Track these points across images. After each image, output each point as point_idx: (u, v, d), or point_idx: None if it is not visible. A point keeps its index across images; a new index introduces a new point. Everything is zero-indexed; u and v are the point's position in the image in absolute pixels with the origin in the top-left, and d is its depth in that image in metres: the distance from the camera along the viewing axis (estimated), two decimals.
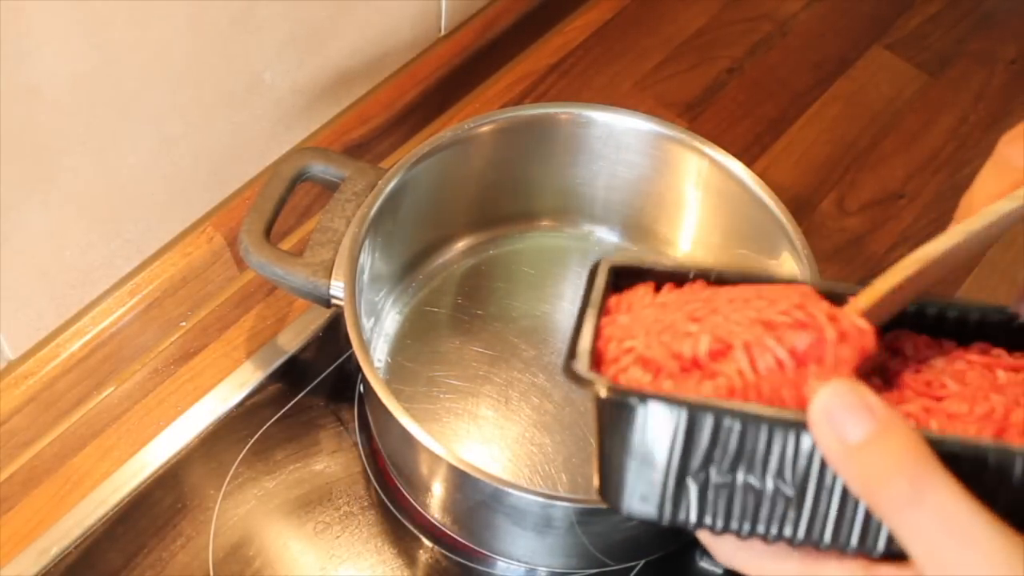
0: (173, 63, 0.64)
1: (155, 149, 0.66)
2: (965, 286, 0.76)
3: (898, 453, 0.33)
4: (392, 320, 0.71)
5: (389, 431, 0.64)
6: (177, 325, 0.73)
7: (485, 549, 0.65)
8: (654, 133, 0.68)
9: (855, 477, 0.34)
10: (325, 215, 0.64)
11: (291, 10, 0.69)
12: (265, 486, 0.66)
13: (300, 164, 0.66)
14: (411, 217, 0.68)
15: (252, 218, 0.64)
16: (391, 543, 0.65)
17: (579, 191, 0.73)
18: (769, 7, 0.92)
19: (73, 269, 0.67)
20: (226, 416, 0.69)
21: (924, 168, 0.83)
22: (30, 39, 0.55)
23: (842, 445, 0.34)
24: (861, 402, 0.34)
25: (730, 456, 0.37)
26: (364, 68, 0.78)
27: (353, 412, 0.69)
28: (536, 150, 0.71)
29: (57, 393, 0.68)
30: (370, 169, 0.66)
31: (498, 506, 0.59)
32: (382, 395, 0.56)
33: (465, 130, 0.67)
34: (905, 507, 0.33)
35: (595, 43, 0.89)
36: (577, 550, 0.62)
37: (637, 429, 0.37)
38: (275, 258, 0.63)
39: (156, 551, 0.64)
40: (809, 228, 0.79)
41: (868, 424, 0.34)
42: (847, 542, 0.37)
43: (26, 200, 0.60)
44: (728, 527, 0.38)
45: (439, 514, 0.65)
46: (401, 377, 0.69)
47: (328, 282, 0.62)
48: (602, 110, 0.69)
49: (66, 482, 0.67)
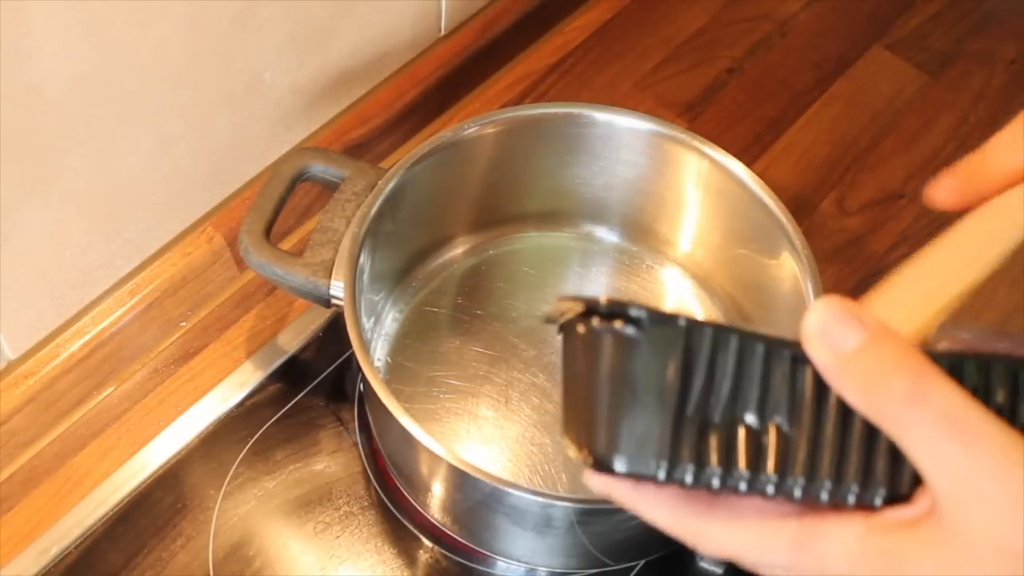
0: (173, 63, 0.64)
1: (155, 149, 0.66)
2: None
3: (895, 355, 0.33)
4: (392, 320, 0.71)
5: (389, 431, 0.64)
6: (177, 325, 0.73)
7: (485, 549, 0.65)
8: (654, 133, 0.68)
9: (853, 385, 0.34)
10: (325, 215, 0.64)
11: (291, 10, 0.69)
12: (265, 486, 0.67)
13: (300, 164, 0.66)
14: (411, 217, 0.68)
15: (252, 218, 0.64)
16: (391, 543, 0.65)
17: (579, 191, 0.73)
18: (769, 7, 0.92)
19: (73, 269, 0.67)
20: (226, 416, 0.69)
21: (924, 168, 0.83)
22: (30, 39, 0.55)
23: (838, 356, 0.34)
24: (852, 314, 0.34)
25: (728, 386, 0.35)
26: (364, 68, 0.78)
27: (353, 412, 0.69)
28: (536, 150, 0.71)
29: (57, 393, 0.68)
30: (370, 169, 0.66)
31: (498, 506, 0.59)
32: (382, 395, 0.56)
33: (464, 130, 0.67)
34: (907, 406, 0.33)
35: (595, 43, 0.89)
36: (577, 550, 0.62)
37: (636, 356, 0.35)
38: (275, 258, 0.63)
39: (156, 551, 0.64)
40: (809, 228, 0.79)
41: (861, 332, 0.34)
42: (847, 490, 0.35)
43: (26, 200, 0.60)
44: (728, 479, 0.35)
45: (439, 514, 0.65)
46: (401, 377, 0.69)
47: (328, 282, 0.62)
48: (602, 110, 0.69)
49: (66, 482, 0.67)
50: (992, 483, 0.32)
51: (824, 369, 0.34)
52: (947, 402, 0.33)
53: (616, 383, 0.35)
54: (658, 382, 0.35)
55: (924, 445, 0.33)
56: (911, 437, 0.33)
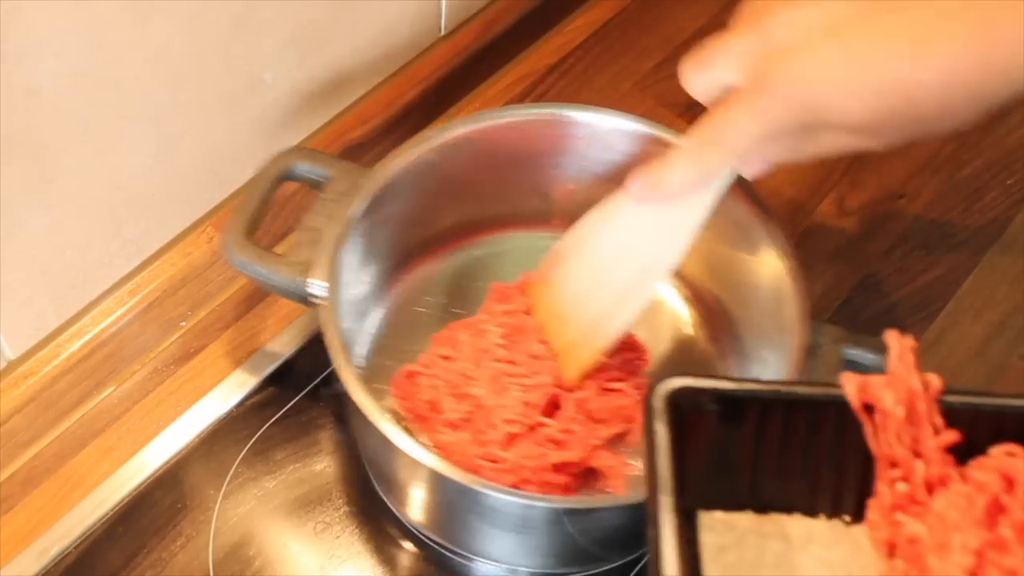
0: (173, 63, 0.64)
1: (155, 149, 0.66)
2: (965, 285, 0.76)
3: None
4: (376, 319, 0.71)
5: (366, 431, 0.63)
6: (177, 325, 0.73)
7: (464, 549, 0.65)
8: (636, 132, 0.68)
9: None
10: (309, 215, 0.64)
11: (291, 10, 0.69)
12: (265, 486, 0.67)
13: (284, 164, 0.66)
14: (395, 217, 0.68)
15: (235, 217, 0.64)
16: (392, 543, 0.65)
17: (563, 192, 0.73)
18: None
19: (73, 269, 0.67)
20: (226, 416, 0.69)
21: (924, 168, 0.83)
22: (30, 39, 0.55)
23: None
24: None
25: None
26: (364, 68, 0.78)
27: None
28: (520, 151, 0.71)
29: (57, 393, 0.68)
30: (355, 169, 0.66)
31: (473, 507, 0.59)
32: (352, 390, 0.56)
33: (449, 131, 0.67)
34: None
35: (595, 43, 0.89)
36: (564, 549, 0.62)
37: None
38: (257, 257, 0.63)
39: (156, 551, 0.64)
40: (809, 228, 0.79)
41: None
42: None
43: (26, 200, 0.60)
44: None
45: (417, 515, 0.65)
46: (384, 376, 0.69)
47: (310, 281, 0.62)
48: (584, 110, 0.69)
49: (66, 482, 0.66)
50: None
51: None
52: None
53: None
54: None
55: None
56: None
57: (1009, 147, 0.84)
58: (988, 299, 0.76)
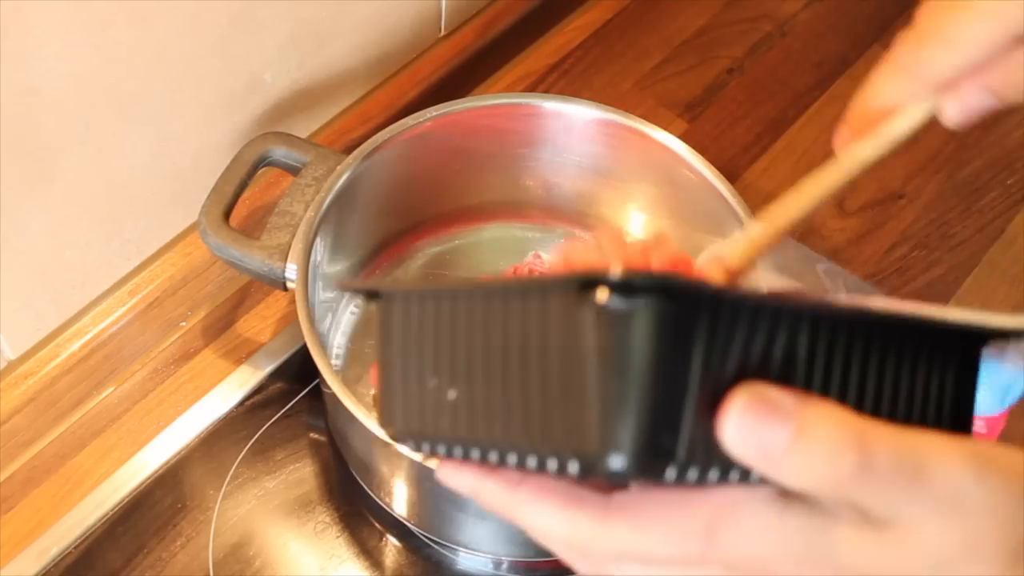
0: (173, 63, 0.64)
1: (155, 149, 0.66)
2: (965, 285, 0.76)
3: (829, 435, 0.31)
4: (353, 306, 0.71)
5: (338, 415, 0.63)
6: (177, 325, 0.73)
7: (447, 540, 0.65)
8: (604, 120, 0.69)
9: (798, 479, 0.31)
10: (284, 199, 0.64)
11: (291, 10, 0.69)
12: (265, 486, 0.67)
13: (262, 148, 0.66)
14: (372, 204, 0.69)
15: (212, 200, 0.64)
16: (392, 543, 0.65)
17: (536, 182, 0.74)
18: (769, 7, 0.92)
19: (73, 269, 0.67)
20: (226, 416, 0.69)
21: (924, 168, 0.83)
22: (30, 39, 0.55)
23: (772, 459, 0.31)
24: (768, 408, 0.31)
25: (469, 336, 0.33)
26: (364, 68, 0.78)
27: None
28: (494, 141, 0.71)
29: (57, 393, 0.68)
30: (331, 154, 0.66)
31: (449, 494, 0.59)
32: (324, 371, 0.57)
33: (423, 120, 0.67)
34: (860, 479, 0.31)
35: (595, 43, 0.89)
36: None
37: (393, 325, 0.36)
38: (231, 240, 0.63)
39: (156, 551, 0.64)
40: (809, 228, 0.79)
41: (785, 424, 0.31)
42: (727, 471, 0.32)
43: (26, 200, 0.60)
44: (489, 451, 0.33)
45: (400, 507, 0.65)
46: (362, 362, 0.69)
47: (283, 265, 0.62)
48: (554, 100, 0.70)
49: (66, 482, 0.67)
50: (951, 503, 0.31)
51: (764, 474, 0.32)
52: (893, 453, 0.31)
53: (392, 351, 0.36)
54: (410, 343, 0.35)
55: (883, 499, 0.31)
56: (871, 502, 0.31)
57: (1009, 147, 0.84)
58: (988, 299, 0.76)
